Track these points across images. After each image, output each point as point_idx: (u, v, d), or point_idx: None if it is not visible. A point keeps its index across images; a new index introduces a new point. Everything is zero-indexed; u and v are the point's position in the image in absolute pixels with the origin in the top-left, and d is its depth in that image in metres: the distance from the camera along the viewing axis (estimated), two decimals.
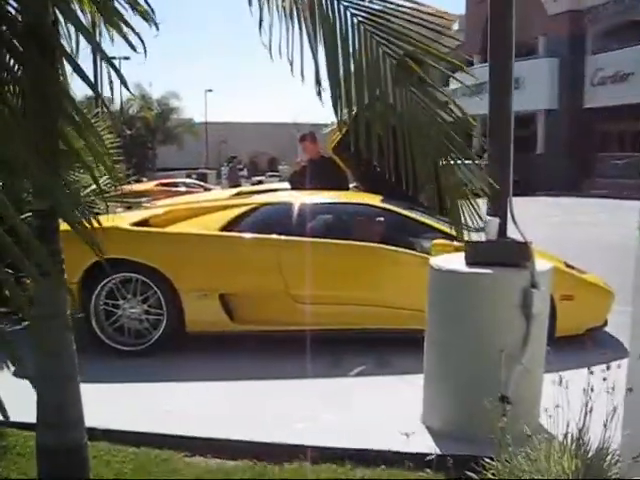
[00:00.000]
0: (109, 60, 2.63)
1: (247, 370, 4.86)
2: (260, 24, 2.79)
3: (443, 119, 3.34)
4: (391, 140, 3.25)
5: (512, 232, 3.74)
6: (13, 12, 2.96)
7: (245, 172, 24.82)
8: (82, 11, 3.17)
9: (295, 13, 2.89)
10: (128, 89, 2.56)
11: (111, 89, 2.69)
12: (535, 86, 28.67)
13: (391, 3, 3.04)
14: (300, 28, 2.88)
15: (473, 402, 3.54)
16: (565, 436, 2.72)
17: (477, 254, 3.64)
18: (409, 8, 3.06)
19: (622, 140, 30.02)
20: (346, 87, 3.03)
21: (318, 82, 2.88)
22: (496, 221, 3.64)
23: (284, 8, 2.87)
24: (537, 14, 29.16)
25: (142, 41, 2.48)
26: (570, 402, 3.00)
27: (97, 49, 2.68)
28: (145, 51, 2.60)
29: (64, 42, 3.13)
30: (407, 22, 3.02)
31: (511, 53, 3.65)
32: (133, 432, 3.83)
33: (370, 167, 6.59)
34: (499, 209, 3.69)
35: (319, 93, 2.95)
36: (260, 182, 39.17)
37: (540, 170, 28.83)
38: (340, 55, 2.99)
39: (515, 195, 3.82)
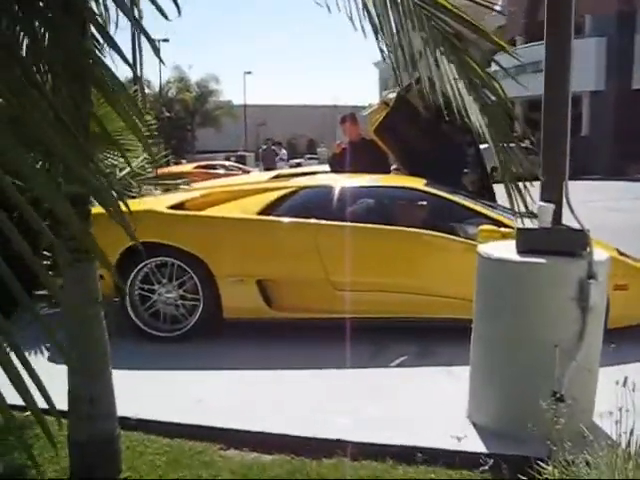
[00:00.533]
0: (147, 35, 2.50)
1: (285, 359, 4.72)
2: None
3: (485, 100, 3.23)
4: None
5: (568, 219, 3.50)
6: None
7: (284, 154, 23.23)
8: None
9: None
10: (161, 59, 2.39)
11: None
12: (581, 67, 27.64)
13: None
14: None
15: (523, 399, 3.37)
16: (629, 442, 2.50)
17: (530, 242, 3.42)
18: None
19: None
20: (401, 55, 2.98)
21: (379, 42, 2.77)
22: (550, 207, 3.40)
23: None
24: None
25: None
26: (630, 402, 2.81)
27: (136, 25, 2.54)
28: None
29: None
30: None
31: (570, 31, 3.40)
32: (167, 422, 3.73)
33: (412, 149, 6.43)
34: (554, 194, 3.45)
35: (382, 52, 2.94)
36: (299, 165, 39.09)
37: (584, 153, 28.06)
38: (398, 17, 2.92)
39: None
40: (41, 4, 2.52)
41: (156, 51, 2.47)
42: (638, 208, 14.54)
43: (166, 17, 2.04)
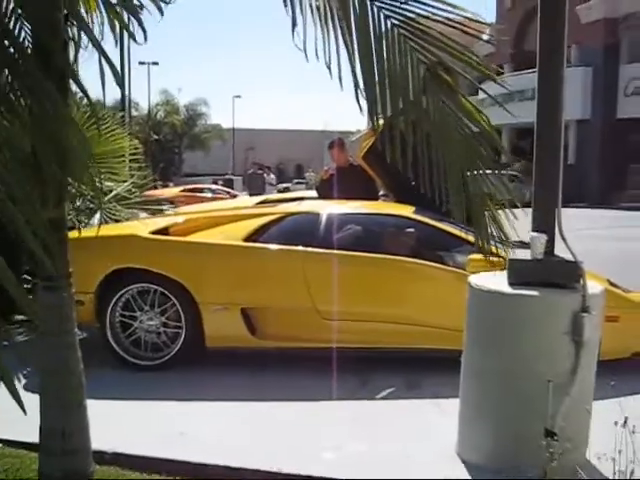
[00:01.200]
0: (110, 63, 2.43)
1: (269, 390, 4.58)
2: (293, 27, 2.68)
3: (470, 129, 3.21)
4: (425, 148, 3.13)
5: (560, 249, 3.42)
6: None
7: (273, 178, 21.74)
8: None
9: (329, 13, 2.74)
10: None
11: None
12: (567, 95, 27.84)
13: (425, 4, 2.93)
14: (334, 29, 2.78)
15: (515, 435, 3.26)
16: None
17: (522, 273, 3.33)
18: (442, 10, 2.95)
19: None
20: (381, 91, 2.95)
21: (356, 85, 2.70)
22: (543, 237, 3.32)
23: (317, 8, 2.76)
24: (570, 22, 28.55)
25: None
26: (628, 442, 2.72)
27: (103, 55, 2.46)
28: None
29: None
30: (440, 26, 2.98)
31: (562, 60, 3.36)
32: (146, 457, 3.57)
33: (401, 176, 6.34)
34: (546, 223, 3.37)
35: (357, 97, 2.85)
36: (286, 189, 39.06)
37: (571, 181, 28.26)
38: (375, 58, 2.89)
39: None
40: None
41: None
42: (625, 236, 14.56)
43: (135, 40, 1.98)
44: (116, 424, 3.86)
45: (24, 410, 1.36)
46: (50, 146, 2.49)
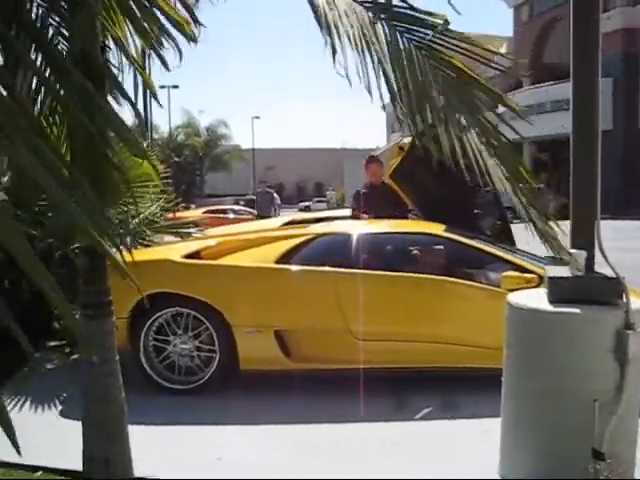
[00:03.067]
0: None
1: (304, 413, 4.55)
2: (334, 53, 2.74)
3: (493, 143, 3.17)
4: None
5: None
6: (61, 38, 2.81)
7: (277, 198, 18.65)
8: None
9: (362, 38, 2.83)
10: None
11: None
12: None
13: (441, 34, 2.98)
14: (370, 54, 2.83)
15: (559, 456, 3.19)
16: None
17: (562, 291, 3.28)
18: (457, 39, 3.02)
19: None
20: (418, 106, 2.97)
21: (393, 101, 2.73)
22: (582, 254, 3.28)
23: (354, 35, 2.82)
24: None
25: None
26: None
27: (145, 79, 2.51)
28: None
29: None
30: (456, 52, 3.01)
31: (597, 69, 3.33)
32: None
33: (428, 193, 6.34)
34: (585, 239, 3.33)
35: (398, 117, 2.94)
36: (307, 208, 39.08)
37: None
38: (409, 78, 2.93)
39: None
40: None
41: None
42: None
43: (168, 69, 2.01)
44: (153, 450, 3.85)
45: (19, 452, 1.36)
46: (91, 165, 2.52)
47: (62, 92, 2.49)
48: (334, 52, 2.67)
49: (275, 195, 18.60)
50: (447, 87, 3.00)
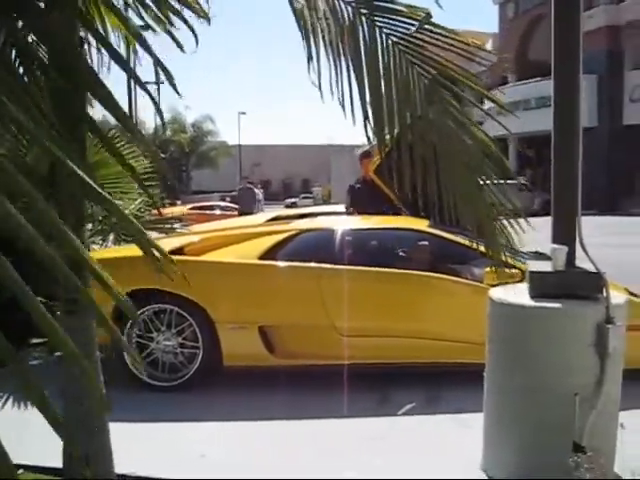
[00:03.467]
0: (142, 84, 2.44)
1: (289, 408, 4.55)
2: (309, 59, 2.76)
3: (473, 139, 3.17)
4: (432, 162, 3.13)
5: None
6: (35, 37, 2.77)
7: (260, 194, 18.13)
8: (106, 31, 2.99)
9: (338, 38, 2.83)
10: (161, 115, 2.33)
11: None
12: None
13: (423, 29, 2.96)
14: (346, 59, 2.83)
15: (541, 450, 3.21)
16: None
17: (543, 286, 3.29)
18: (441, 35, 2.99)
19: None
20: (388, 108, 2.97)
21: (364, 109, 2.74)
22: (563, 249, 3.29)
23: (330, 41, 2.82)
24: None
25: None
26: None
27: (130, 73, 2.48)
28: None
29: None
30: (438, 48, 3.00)
31: (579, 67, 3.34)
32: None
33: (412, 190, 6.33)
34: (566, 234, 3.35)
35: (366, 117, 2.90)
36: (294, 204, 39.03)
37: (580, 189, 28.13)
38: (382, 78, 2.93)
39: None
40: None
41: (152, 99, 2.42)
42: (637, 243, 14.48)
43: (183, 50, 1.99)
44: (137, 447, 3.83)
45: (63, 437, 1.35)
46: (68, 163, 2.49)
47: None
48: (309, 59, 2.68)
49: (257, 191, 18.11)
50: (428, 85, 3.00)
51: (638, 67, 29.68)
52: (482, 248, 5.21)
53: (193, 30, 2.53)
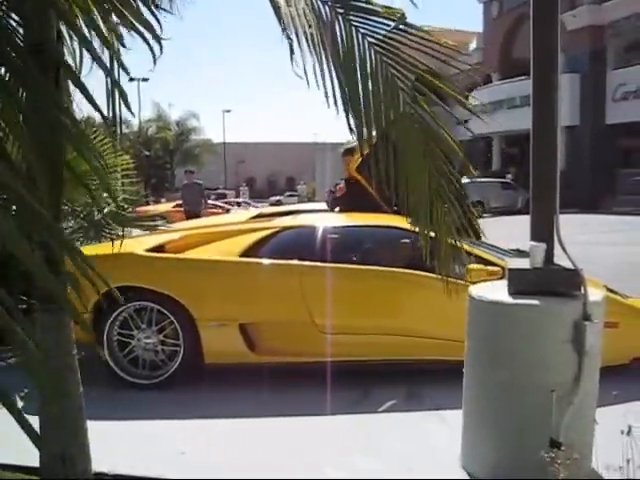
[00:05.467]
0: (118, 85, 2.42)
1: (268, 406, 4.54)
2: (291, 54, 2.74)
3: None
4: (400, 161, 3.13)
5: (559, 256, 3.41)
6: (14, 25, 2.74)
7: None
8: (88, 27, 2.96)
9: (318, 38, 2.80)
10: (131, 110, 2.31)
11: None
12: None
13: (402, 31, 2.95)
14: (325, 54, 2.81)
15: (519, 446, 3.24)
16: None
17: (522, 283, 3.31)
18: (416, 36, 2.97)
19: None
20: (365, 109, 2.95)
21: (345, 104, 2.73)
22: (542, 246, 3.31)
23: (311, 35, 2.79)
24: None
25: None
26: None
27: (108, 72, 2.45)
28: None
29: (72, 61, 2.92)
30: (416, 50, 2.97)
31: (556, 66, 3.36)
32: (145, 478, 3.54)
33: (387, 188, 6.34)
34: (544, 231, 3.37)
35: (347, 111, 2.87)
36: (279, 202, 38.97)
37: (562, 187, 28.26)
38: (359, 78, 2.91)
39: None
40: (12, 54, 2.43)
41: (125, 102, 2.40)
42: (618, 241, 14.61)
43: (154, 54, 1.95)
44: (116, 445, 3.81)
45: (32, 437, 1.33)
46: (45, 159, 2.47)
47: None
48: (292, 52, 2.67)
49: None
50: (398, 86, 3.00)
51: (620, 67, 29.89)
52: (465, 246, 5.27)
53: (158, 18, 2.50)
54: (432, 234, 3.35)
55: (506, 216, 23.04)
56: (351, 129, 2.94)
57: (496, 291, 3.37)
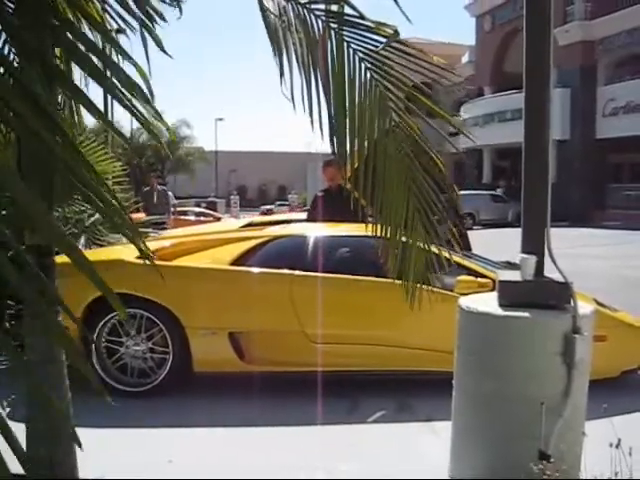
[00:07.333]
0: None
1: (258, 415, 4.52)
2: (281, 76, 2.78)
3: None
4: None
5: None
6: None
7: (173, 199, 13.93)
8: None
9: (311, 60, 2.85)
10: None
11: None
12: None
13: (394, 48, 2.97)
14: (315, 74, 2.86)
15: (508, 458, 3.23)
16: None
17: (512, 295, 3.32)
18: (406, 53, 3.00)
19: (634, 171, 29.81)
20: (350, 131, 3.00)
21: (331, 122, 2.82)
22: (532, 259, 3.32)
23: (302, 55, 2.84)
24: None
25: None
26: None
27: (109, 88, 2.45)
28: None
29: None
30: (406, 68, 3.01)
31: (548, 80, 3.37)
32: None
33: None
34: (535, 244, 3.38)
35: (331, 130, 2.92)
36: (270, 211, 38.96)
37: (552, 201, 28.42)
38: (347, 96, 2.94)
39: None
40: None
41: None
42: (608, 255, 14.68)
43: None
44: (103, 452, 3.77)
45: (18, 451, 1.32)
46: (37, 164, 2.46)
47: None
48: (282, 74, 2.70)
49: (169, 193, 13.95)
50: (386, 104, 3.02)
51: (610, 82, 30.18)
52: (453, 257, 5.28)
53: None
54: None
55: (496, 228, 23.13)
56: (334, 152, 2.99)
57: (486, 303, 3.38)
